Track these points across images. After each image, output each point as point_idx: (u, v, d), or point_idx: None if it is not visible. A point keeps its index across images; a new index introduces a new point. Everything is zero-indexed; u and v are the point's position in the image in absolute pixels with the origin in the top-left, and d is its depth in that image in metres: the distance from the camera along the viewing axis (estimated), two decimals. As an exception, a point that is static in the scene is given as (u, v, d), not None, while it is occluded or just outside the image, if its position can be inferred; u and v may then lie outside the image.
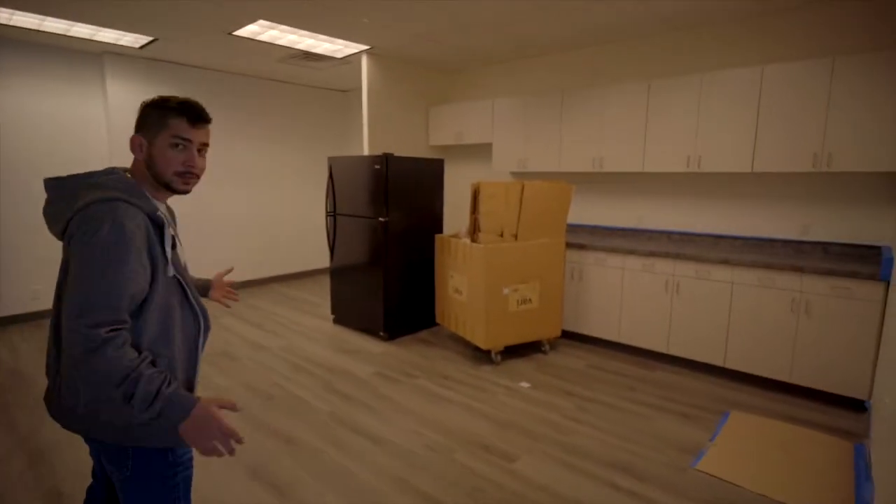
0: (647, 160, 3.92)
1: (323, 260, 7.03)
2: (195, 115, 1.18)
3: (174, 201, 1.32)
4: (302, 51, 4.68)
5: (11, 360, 3.79)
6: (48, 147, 4.69)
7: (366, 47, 4.61)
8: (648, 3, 3.38)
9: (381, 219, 4.13)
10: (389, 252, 4.19)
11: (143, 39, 4.37)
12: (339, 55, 4.85)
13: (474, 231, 3.75)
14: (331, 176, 4.57)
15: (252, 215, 6.21)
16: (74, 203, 1.08)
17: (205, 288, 1.60)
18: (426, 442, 2.66)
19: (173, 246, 1.19)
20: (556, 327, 3.93)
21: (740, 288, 3.30)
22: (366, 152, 4.95)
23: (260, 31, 4.05)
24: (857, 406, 2.98)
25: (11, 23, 3.86)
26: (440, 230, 4.60)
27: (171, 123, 1.16)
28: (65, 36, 4.22)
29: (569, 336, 4.23)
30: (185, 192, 1.23)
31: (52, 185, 1.14)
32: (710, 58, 3.82)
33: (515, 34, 4.14)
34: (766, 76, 3.31)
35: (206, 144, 1.23)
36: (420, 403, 3.12)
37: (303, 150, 6.69)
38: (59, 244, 1.13)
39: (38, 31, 4.05)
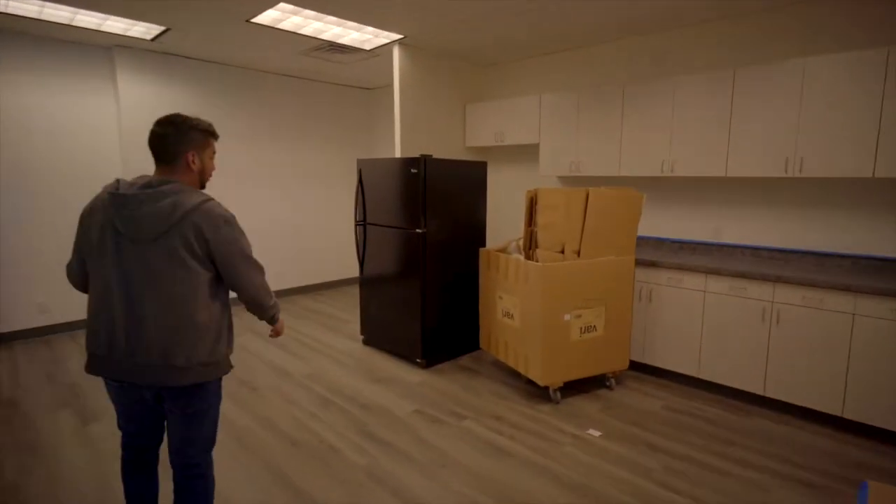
0: (731, 163, 3.33)
1: (351, 270, 6.57)
2: (217, 135, 1.65)
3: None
4: (327, 41, 4.20)
5: (10, 386, 3.38)
6: (54, 148, 4.31)
7: (398, 37, 4.10)
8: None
9: (418, 230, 3.62)
10: (428, 268, 3.68)
11: (154, 30, 3.93)
12: (368, 46, 4.36)
13: (531, 246, 3.21)
14: (360, 181, 4.07)
15: (273, 220, 5.75)
16: (176, 208, 1.42)
17: None
18: (487, 516, 2.14)
19: None
20: (623, 359, 3.37)
21: (864, 321, 2.69)
22: (398, 154, 4.45)
23: (281, 17, 3.58)
24: None
25: (8, 10, 3.45)
26: (483, 243, 4.08)
27: (211, 142, 1.62)
28: (69, 26, 3.81)
29: (635, 367, 3.66)
30: None
31: (137, 194, 1.43)
32: (813, 41, 3.21)
33: (568, 18, 3.58)
34: (892, 58, 2.70)
35: None
36: (472, 455, 2.60)
37: (326, 152, 6.21)
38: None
39: (39, 20, 3.64)
